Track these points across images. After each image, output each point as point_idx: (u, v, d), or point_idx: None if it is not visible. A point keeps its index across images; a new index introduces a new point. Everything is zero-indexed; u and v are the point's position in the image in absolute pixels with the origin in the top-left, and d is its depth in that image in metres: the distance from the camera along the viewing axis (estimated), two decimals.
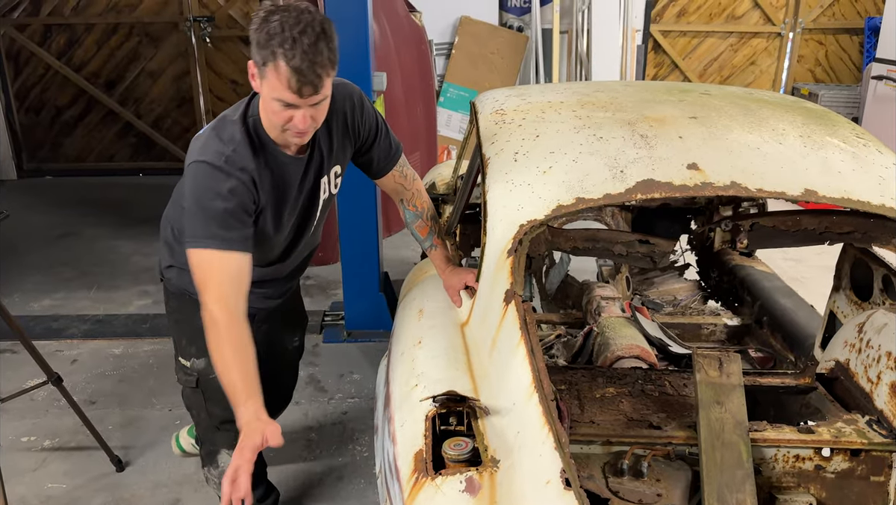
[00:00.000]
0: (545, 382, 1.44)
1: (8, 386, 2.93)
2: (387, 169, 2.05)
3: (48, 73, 6.83)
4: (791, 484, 1.75)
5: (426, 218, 2.17)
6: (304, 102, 1.60)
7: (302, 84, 1.56)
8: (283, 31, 1.53)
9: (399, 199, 2.16)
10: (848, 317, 2.16)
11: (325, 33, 1.57)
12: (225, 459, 2.19)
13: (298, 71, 1.54)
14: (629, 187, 1.71)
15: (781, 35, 7.16)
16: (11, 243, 5.15)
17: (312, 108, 1.63)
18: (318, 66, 1.55)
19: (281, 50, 1.53)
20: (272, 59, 1.55)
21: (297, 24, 1.54)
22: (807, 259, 4.75)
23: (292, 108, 1.62)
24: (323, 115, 1.70)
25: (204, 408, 2.14)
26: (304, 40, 1.53)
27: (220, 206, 1.64)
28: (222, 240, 1.64)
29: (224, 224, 1.65)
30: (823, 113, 2.12)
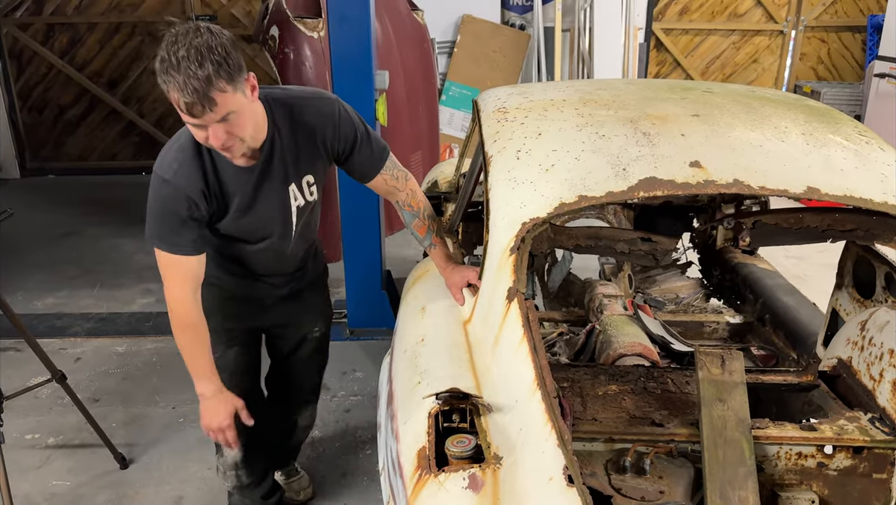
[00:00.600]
0: (548, 380, 1.44)
1: (12, 384, 2.94)
2: (371, 174, 2.05)
3: (51, 72, 6.84)
4: (793, 481, 1.75)
5: (423, 217, 2.16)
6: (205, 122, 1.61)
7: (191, 105, 1.56)
8: (167, 56, 1.55)
9: (395, 201, 2.15)
10: (850, 314, 2.16)
11: (210, 47, 1.56)
12: (228, 451, 2.25)
13: (184, 93, 1.54)
14: (632, 185, 1.71)
15: (784, 33, 7.16)
16: (15, 242, 5.16)
17: (222, 123, 1.63)
18: (202, 84, 1.54)
19: (166, 76, 1.55)
20: (165, 87, 1.57)
21: (181, 46, 1.54)
22: (809, 257, 4.74)
23: (202, 128, 1.64)
24: (241, 127, 1.69)
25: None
26: (185, 62, 1.53)
27: (166, 216, 1.79)
28: (171, 244, 1.81)
29: (172, 230, 1.80)
30: (826, 111, 2.12)
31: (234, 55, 1.61)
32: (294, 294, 2.21)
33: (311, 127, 1.90)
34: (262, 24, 4.69)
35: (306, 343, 2.35)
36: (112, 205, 6.12)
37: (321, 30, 4.37)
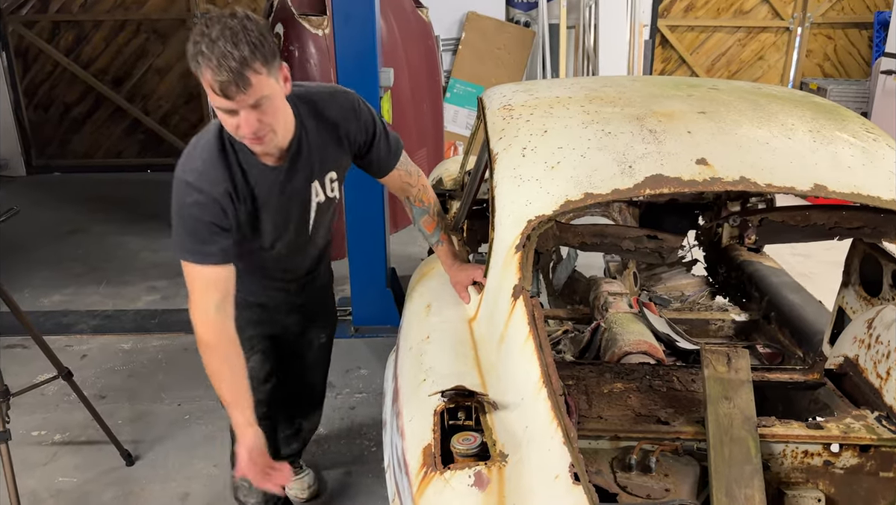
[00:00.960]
0: (553, 378, 1.44)
1: (19, 381, 2.94)
2: (388, 168, 2.03)
3: (56, 70, 6.86)
4: (800, 480, 1.74)
5: (433, 214, 2.16)
6: (237, 105, 1.56)
7: (225, 85, 1.51)
8: (202, 37, 1.51)
9: (405, 197, 2.14)
10: (857, 312, 2.15)
11: (247, 29, 1.53)
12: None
13: (218, 71, 1.50)
14: (638, 182, 1.71)
15: (790, 29, 7.13)
16: (21, 239, 5.18)
17: (254, 110, 1.58)
18: (238, 63, 1.50)
19: (201, 57, 1.50)
20: (198, 68, 1.52)
21: (215, 26, 1.51)
22: (815, 255, 4.73)
23: (234, 115, 1.58)
24: (274, 116, 1.64)
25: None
26: (221, 41, 1.50)
27: (193, 222, 1.70)
28: (198, 254, 1.71)
29: (199, 238, 1.70)
30: (833, 108, 2.11)
31: (269, 39, 1.57)
32: (309, 299, 2.19)
33: (334, 122, 1.87)
34: (266, 21, 4.69)
35: (312, 349, 2.34)
36: (117, 202, 6.13)
37: (326, 27, 4.37)
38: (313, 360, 2.37)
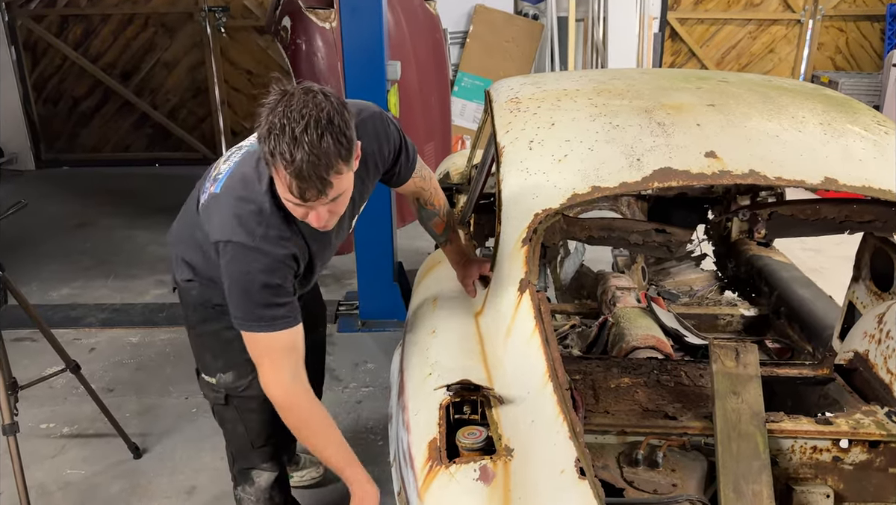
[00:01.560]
0: (560, 372, 1.43)
1: (27, 374, 2.96)
2: (408, 177, 1.95)
3: (65, 63, 6.87)
4: (808, 475, 1.73)
5: (443, 214, 2.11)
6: (313, 205, 1.47)
7: (304, 190, 1.42)
8: (282, 127, 1.37)
9: (414, 199, 2.09)
10: (867, 307, 2.13)
11: (333, 124, 1.39)
12: (260, 475, 2.12)
13: (299, 177, 1.39)
14: (646, 175, 1.70)
15: (801, 22, 7.06)
16: (30, 233, 5.20)
17: (328, 204, 1.49)
18: (321, 168, 1.38)
19: (279, 151, 1.38)
20: (272, 160, 1.41)
21: (301, 118, 1.37)
22: (826, 249, 4.69)
23: (305, 207, 1.49)
24: (344, 206, 1.56)
25: (240, 422, 2.03)
26: (306, 138, 1.36)
27: (261, 290, 1.58)
28: (270, 321, 1.61)
29: (269, 305, 1.60)
30: (844, 100, 2.09)
31: (350, 126, 1.45)
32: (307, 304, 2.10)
33: (374, 155, 1.78)
34: (274, 14, 4.68)
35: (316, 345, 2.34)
36: (126, 196, 6.15)
37: (333, 20, 4.36)
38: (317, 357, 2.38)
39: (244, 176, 1.66)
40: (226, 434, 2.11)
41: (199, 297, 1.93)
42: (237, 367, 1.93)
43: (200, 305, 1.94)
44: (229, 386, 1.98)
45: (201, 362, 2.04)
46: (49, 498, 2.62)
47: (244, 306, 1.61)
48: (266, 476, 2.12)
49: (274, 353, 1.63)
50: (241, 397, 1.98)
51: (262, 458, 2.10)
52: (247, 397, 1.97)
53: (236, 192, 1.64)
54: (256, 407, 1.97)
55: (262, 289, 1.58)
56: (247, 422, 2.02)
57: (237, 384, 1.97)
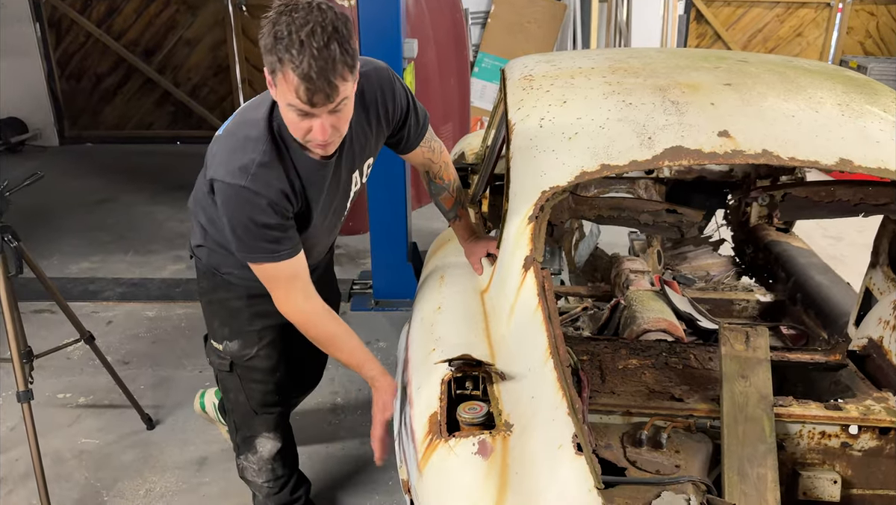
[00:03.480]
0: (561, 349, 1.42)
1: (45, 344, 3.00)
2: (416, 144, 1.93)
3: (89, 40, 6.91)
4: (816, 461, 1.71)
5: (452, 190, 2.09)
6: (317, 111, 1.47)
7: (312, 93, 1.42)
8: (289, 34, 1.39)
9: (426, 172, 2.07)
10: (884, 294, 2.09)
11: (338, 32, 1.41)
12: (264, 444, 2.15)
13: (307, 78, 1.39)
14: (656, 154, 1.67)
15: (831, 5, 6.89)
16: (52, 208, 5.27)
17: (332, 115, 1.50)
18: (329, 72, 1.40)
19: (287, 56, 1.39)
20: (280, 67, 1.41)
21: (305, 24, 1.39)
22: (847, 236, 4.62)
23: (309, 118, 1.49)
24: (346, 121, 1.56)
25: (241, 391, 2.08)
26: (313, 43, 1.38)
27: (258, 227, 1.62)
28: (272, 253, 1.65)
29: (268, 239, 1.63)
30: (866, 82, 2.04)
31: (353, 37, 1.46)
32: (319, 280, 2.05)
33: (375, 104, 1.76)
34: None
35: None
36: (147, 173, 6.20)
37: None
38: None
39: (244, 112, 1.73)
40: (228, 403, 2.15)
41: (207, 264, 1.96)
42: (243, 336, 1.97)
43: (210, 272, 1.97)
44: (235, 354, 2.02)
45: (210, 328, 2.08)
46: (64, 465, 2.68)
47: (247, 244, 1.65)
48: (269, 446, 2.15)
49: (280, 280, 1.70)
50: (245, 367, 2.02)
51: (264, 426, 2.13)
52: (251, 368, 2.01)
53: (235, 125, 1.69)
54: (260, 378, 2.03)
55: (256, 227, 1.61)
56: (248, 391, 2.07)
57: (242, 353, 2.00)
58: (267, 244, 1.64)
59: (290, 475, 2.26)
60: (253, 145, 1.61)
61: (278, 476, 2.22)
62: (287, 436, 2.23)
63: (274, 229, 1.63)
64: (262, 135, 1.61)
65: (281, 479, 2.23)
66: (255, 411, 2.10)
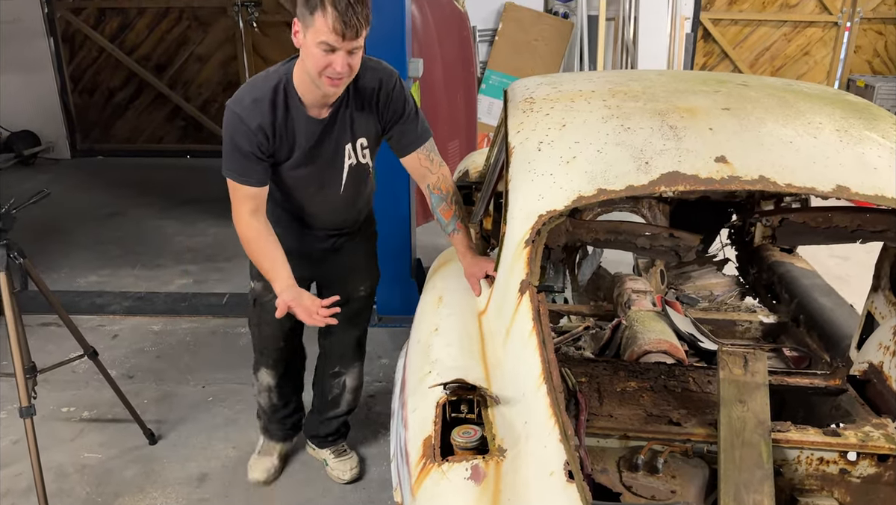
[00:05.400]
0: (554, 374, 1.43)
1: (51, 358, 3.02)
2: (410, 148, 2.19)
3: (101, 55, 7.01)
4: (814, 487, 1.70)
5: (451, 202, 2.24)
6: (345, 46, 1.82)
7: (346, 26, 1.78)
8: None
9: (426, 185, 2.24)
10: (886, 318, 2.08)
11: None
12: (263, 377, 2.59)
13: (345, 13, 1.77)
14: (653, 179, 1.68)
15: (838, 24, 6.90)
16: (62, 221, 5.32)
17: (350, 55, 1.85)
18: (359, 14, 1.79)
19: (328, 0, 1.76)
20: (320, 5, 1.77)
21: None
22: (854, 257, 4.60)
23: (333, 54, 1.84)
24: (356, 66, 1.91)
25: (256, 325, 2.51)
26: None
27: (235, 148, 2.00)
28: (239, 174, 2.03)
29: (239, 162, 2.02)
30: (865, 107, 2.04)
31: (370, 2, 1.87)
32: (337, 249, 2.39)
33: (370, 90, 2.08)
34: None
35: (352, 302, 2.47)
36: (156, 187, 6.26)
37: None
38: (351, 311, 2.48)
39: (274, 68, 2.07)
40: (251, 332, 2.58)
41: None
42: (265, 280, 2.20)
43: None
44: (258, 293, 2.43)
45: (250, 268, 2.40)
46: (66, 480, 2.69)
47: (226, 156, 2.03)
48: (267, 379, 2.59)
49: (236, 196, 2.06)
50: (262, 305, 2.41)
51: (264, 362, 2.57)
52: (266, 309, 2.34)
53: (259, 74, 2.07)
54: (269, 320, 2.31)
55: (233, 148, 2.00)
56: (259, 327, 2.49)
57: (262, 294, 2.39)
58: (237, 165, 2.02)
59: (283, 404, 2.68)
60: (258, 87, 2.01)
61: (273, 403, 2.65)
62: (285, 376, 2.61)
63: (246, 156, 2.00)
64: (270, 83, 2.00)
65: (276, 406, 2.66)
66: (261, 349, 2.54)
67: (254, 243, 2.09)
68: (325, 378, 2.65)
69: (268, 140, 2.01)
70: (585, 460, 1.41)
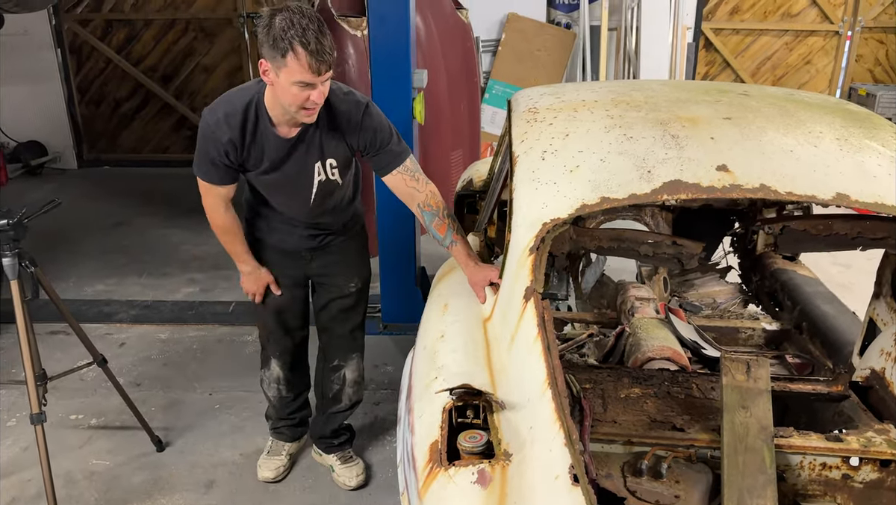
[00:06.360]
0: (559, 380, 1.45)
1: (60, 366, 3.06)
2: (389, 168, 2.27)
3: (108, 66, 7.07)
4: (817, 492, 1.72)
5: (443, 216, 2.29)
6: (319, 80, 1.94)
7: (320, 63, 1.90)
8: (293, 25, 1.87)
9: (415, 205, 2.31)
10: (887, 325, 2.10)
11: (322, 23, 1.93)
12: (273, 367, 2.68)
13: (316, 52, 1.88)
14: (655, 188, 1.71)
15: (840, 34, 6.94)
16: (69, 230, 5.36)
17: (322, 86, 1.98)
18: (327, 48, 1.90)
19: (297, 40, 1.87)
20: (290, 49, 1.87)
21: (302, 17, 1.89)
22: (857, 264, 4.61)
23: (309, 88, 1.95)
24: (327, 91, 2.04)
25: (261, 319, 2.62)
26: (312, 27, 1.88)
27: (205, 154, 2.16)
28: (209, 176, 2.21)
29: (207, 166, 2.18)
30: (866, 115, 2.07)
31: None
32: (325, 247, 2.48)
33: (338, 122, 2.19)
34: None
35: (344, 298, 2.58)
36: (162, 196, 6.30)
37: (364, 28, 4.43)
38: (344, 306, 2.59)
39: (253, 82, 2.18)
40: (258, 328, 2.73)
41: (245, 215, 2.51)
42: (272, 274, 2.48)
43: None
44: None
45: None
46: (74, 486, 2.72)
47: (197, 157, 2.20)
48: (276, 370, 2.68)
49: (207, 193, 2.26)
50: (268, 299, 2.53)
51: (272, 352, 2.66)
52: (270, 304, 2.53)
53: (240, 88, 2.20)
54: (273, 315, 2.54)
55: (204, 153, 2.17)
56: (265, 319, 2.60)
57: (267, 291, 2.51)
58: (206, 169, 2.19)
59: (293, 398, 2.76)
60: (232, 102, 2.14)
61: (282, 395, 2.73)
62: (294, 368, 2.70)
63: (213, 163, 2.16)
64: (244, 100, 2.13)
65: (285, 399, 2.74)
66: (268, 338, 2.65)
67: (229, 234, 2.34)
68: (326, 375, 2.71)
69: (236, 151, 2.15)
70: (590, 465, 1.43)
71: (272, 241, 2.45)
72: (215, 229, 2.35)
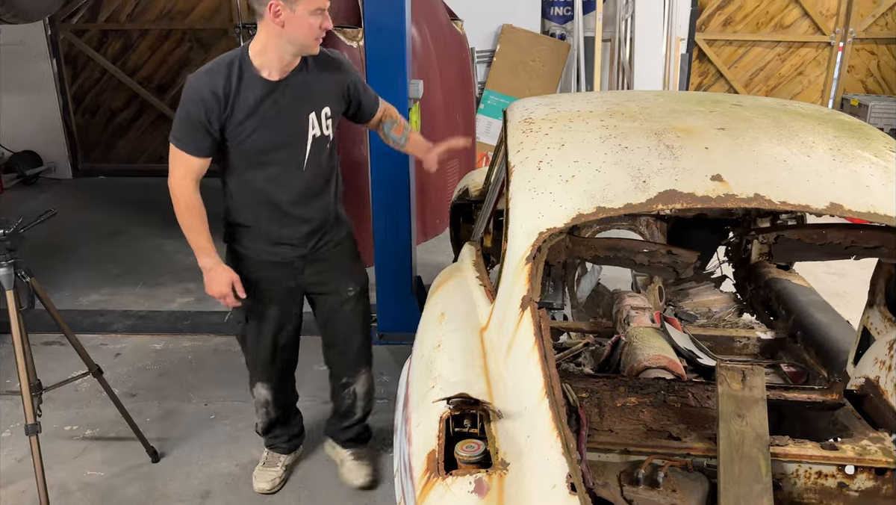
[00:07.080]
0: (556, 389, 1.45)
1: (55, 376, 3.04)
2: (376, 105, 2.50)
3: (104, 76, 7.08)
4: (812, 500, 1.72)
5: (400, 121, 2.55)
6: (328, 4, 2.11)
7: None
8: None
9: (377, 122, 2.53)
10: (881, 334, 2.12)
11: None
12: (259, 391, 2.65)
13: None
14: (650, 197, 1.72)
15: (831, 45, 7.00)
16: (64, 240, 5.35)
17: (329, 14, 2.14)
18: None
19: None
20: None
21: None
22: (850, 273, 4.63)
23: (320, 15, 2.09)
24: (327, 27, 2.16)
25: (250, 343, 2.58)
26: None
27: (186, 117, 2.14)
28: (184, 143, 2.16)
29: (186, 131, 2.15)
30: (858, 126, 2.09)
31: None
32: (315, 253, 2.45)
33: (331, 67, 2.31)
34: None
35: (344, 304, 2.55)
36: (157, 206, 6.27)
37: (360, 39, 4.45)
38: (346, 313, 2.57)
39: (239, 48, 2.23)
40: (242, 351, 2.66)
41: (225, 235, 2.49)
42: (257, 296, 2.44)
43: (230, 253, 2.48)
44: (248, 307, 2.46)
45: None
46: (69, 497, 2.70)
47: (176, 123, 2.17)
48: (263, 393, 2.65)
49: (174, 159, 2.20)
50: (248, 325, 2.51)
51: (259, 377, 2.63)
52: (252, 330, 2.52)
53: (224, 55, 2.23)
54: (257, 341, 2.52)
55: (184, 116, 2.14)
56: (250, 343, 2.56)
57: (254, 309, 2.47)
58: (184, 135, 2.15)
59: (284, 419, 2.76)
60: (216, 62, 2.18)
61: (270, 417, 2.72)
62: (281, 390, 2.68)
63: (194, 126, 2.13)
64: (225, 59, 2.17)
65: (274, 421, 2.73)
66: (254, 364, 2.61)
67: (195, 216, 2.24)
68: (337, 391, 2.71)
69: (219, 104, 2.12)
70: (587, 474, 1.43)
71: (261, 256, 2.39)
72: (180, 211, 2.24)
